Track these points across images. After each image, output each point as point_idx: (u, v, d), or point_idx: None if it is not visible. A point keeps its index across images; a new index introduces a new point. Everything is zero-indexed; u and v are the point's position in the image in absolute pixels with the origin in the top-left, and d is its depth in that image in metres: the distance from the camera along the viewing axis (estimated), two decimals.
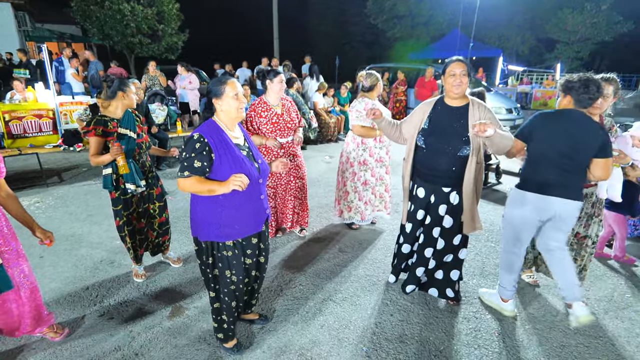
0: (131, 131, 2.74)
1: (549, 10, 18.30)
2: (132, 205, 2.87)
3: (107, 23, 14.45)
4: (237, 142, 2.04)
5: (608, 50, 20.25)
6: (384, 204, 4.00)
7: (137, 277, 3.10)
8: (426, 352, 2.37)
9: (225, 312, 2.21)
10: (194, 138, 1.90)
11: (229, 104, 1.97)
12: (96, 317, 2.65)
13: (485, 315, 2.71)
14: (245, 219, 2.05)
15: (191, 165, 1.89)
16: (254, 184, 2.03)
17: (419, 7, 19.91)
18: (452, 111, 2.50)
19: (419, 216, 2.70)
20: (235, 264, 2.10)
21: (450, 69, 2.41)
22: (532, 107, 14.61)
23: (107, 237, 3.81)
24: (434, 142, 2.50)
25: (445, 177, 2.52)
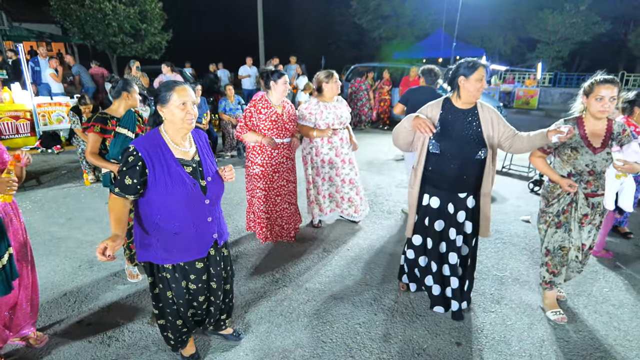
0: (129, 131, 2.74)
1: (530, 11, 18.62)
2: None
3: (87, 22, 14.17)
4: (181, 157, 1.82)
5: (587, 50, 20.71)
6: (354, 208, 3.97)
7: (131, 277, 3.07)
8: (409, 351, 2.38)
9: (170, 330, 2.08)
10: (128, 150, 1.73)
11: (173, 113, 1.75)
12: (75, 324, 2.59)
13: (467, 313, 2.73)
14: (184, 245, 1.86)
15: (122, 182, 1.72)
16: (195, 204, 1.83)
17: (403, 7, 20.05)
18: (463, 113, 2.40)
19: (437, 227, 2.55)
20: (175, 287, 1.95)
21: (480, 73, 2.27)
22: (514, 106, 14.87)
23: (87, 242, 3.73)
24: (448, 147, 2.39)
25: (460, 183, 2.44)
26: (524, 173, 6.12)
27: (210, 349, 2.36)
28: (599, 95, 2.30)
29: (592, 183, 2.46)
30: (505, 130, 2.39)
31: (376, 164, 6.70)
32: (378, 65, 11.99)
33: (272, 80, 3.29)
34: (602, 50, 21.02)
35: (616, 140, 2.42)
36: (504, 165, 6.41)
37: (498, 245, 3.73)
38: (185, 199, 1.79)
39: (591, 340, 2.48)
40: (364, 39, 24.98)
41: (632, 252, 3.62)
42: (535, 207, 4.74)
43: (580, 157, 2.42)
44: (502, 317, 2.70)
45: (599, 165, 2.41)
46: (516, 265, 3.38)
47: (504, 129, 2.39)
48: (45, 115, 6.86)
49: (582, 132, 2.45)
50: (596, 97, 2.31)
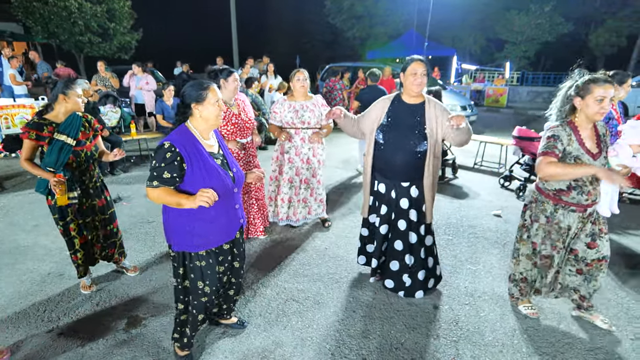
0: (69, 137, 2.56)
1: (498, 12, 19.19)
2: (69, 215, 2.70)
3: (52, 20, 13.59)
4: (211, 151, 1.96)
5: (551, 50, 21.53)
6: (307, 210, 3.98)
7: (84, 288, 2.95)
8: (388, 346, 2.42)
9: (190, 324, 2.15)
10: (164, 147, 1.81)
11: (209, 110, 1.89)
12: (44, 334, 2.50)
13: (443, 306, 2.81)
14: (218, 230, 2.00)
15: (160, 176, 1.81)
16: (228, 194, 1.97)
17: (376, 7, 20.23)
18: (410, 108, 2.59)
19: (382, 211, 2.76)
20: (210, 274, 2.04)
21: (412, 68, 2.49)
22: (485, 104, 15.30)
23: (56, 248, 3.59)
24: (391, 138, 2.58)
25: (403, 172, 2.60)
26: (495, 169, 6.32)
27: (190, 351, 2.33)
28: (598, 97, 2.12)
29: (592, 193, 2.26)
30: (448, 125, 2.50)
31: (352, 162, 6.76)
32: (352, 65, 12.08)
33: (221, 78, 3.12)
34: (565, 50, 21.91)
35: (603, 142, 2.28)
36: (476, 162, 6.60)
37: (471, 240, 3.84)
38: (220, 189, 1.90)
39: (558, 328, 2.59)
40: (338, 38, 25.09)
41: None
42: (507, 202, 4.92)
43: None
44: (475, 309, 2.78)
45: None
46: (489, 258, 3.49)
47: (448, 124, 2.49)
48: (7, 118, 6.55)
49: (579, 138, 2.23)
50: (596, 98, 2.12)
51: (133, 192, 5.15)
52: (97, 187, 2.85)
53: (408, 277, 2.81)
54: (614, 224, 4.08)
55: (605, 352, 2.37)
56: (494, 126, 10.55)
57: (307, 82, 3.67)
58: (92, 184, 2.79)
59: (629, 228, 4.11)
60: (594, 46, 19.12)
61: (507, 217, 4.40)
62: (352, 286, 3.05)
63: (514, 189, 5.26)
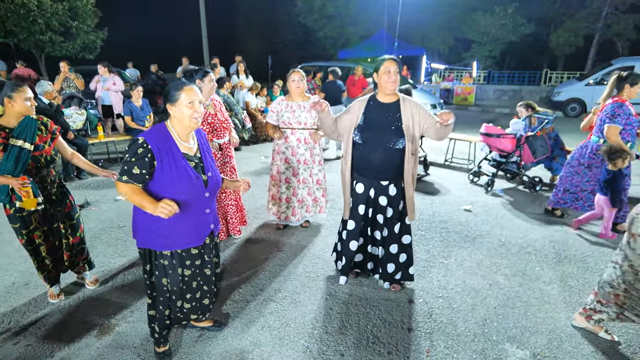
0: (27, 142, 2.41)
1: (465, 12, 19.77)
2: (32, 222, 2.58)
3: (9, 18, 12.90)
4: (186, 152, 1.95)
5: (515, 50, 22.38)
6: (305, 208, 3.97)
7: (52, 297, 2.83)
8: (364, 341, 2.46)
9: (157, 321, 2.17)
10: (137, 142, 1.82)
11: (182, 111, 1.88)
12: (10, 346, 2.39)
13: (417, 300, 2.88)
14: (185, 232, 1.98)
15: (130, 171, 1.82)
16: (198, 198, 1.97)
17: (347, 7, 20.40)
18: (385, 107, 2.64)
19: (360, 211, 2.79)
20: (172, 274, 2.04)
21: (385, 67, 2.53)
22: (454, 102, 15.72)
23: (20, 257, 3.44)
24: (370, 137, 2.61)
25: (382, 171, 2.64)
26: (465, 165, 6.52)
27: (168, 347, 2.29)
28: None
29: None
30: (427, 120, 2.58)
31: (327, 162, 6.80)
32: (325, 65, 12.13)
33: (197, 79, 3.12)
34: (528, 50, 22.85)
35: None
36: (446, 159, 6.78)
37: (443, 235, 3.95)
38: (188, 190, 1.91)
39: (525, 315, 2.72)
40: (309, 38, 25.10)
41: (556, 233, 3.99)
42: (476, 197, 5.09)
43: None
44: (448, 302, 2.87)
45: None
46: (460, 252, 3.61)
47: (425, 120, 2.58)
48: None
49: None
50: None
51: (101, 196, 4.99)
52: (61, 192, 2.74)
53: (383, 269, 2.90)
54: None
55: (568, 334, 2.51)
56: (463, 124, 10.86)
57: (302, 82, 3.62)
58: (54, 190, 2.67)
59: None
60: (554, 46, 20.01)
61: (477, 212, 4.55)
62: (328, 284, 3.08)
63: (483, 184, 5.44)
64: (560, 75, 18.65)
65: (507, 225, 4.17)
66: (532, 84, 19.22)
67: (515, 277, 3.20)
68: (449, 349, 2.40)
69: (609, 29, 18.35)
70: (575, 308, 2.78)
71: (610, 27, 18.27)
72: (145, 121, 6.18)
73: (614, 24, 18.07)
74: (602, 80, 12.14)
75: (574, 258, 3.49)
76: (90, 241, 3.75)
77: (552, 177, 5.68)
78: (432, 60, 19.71)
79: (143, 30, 24.50)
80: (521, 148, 5.08)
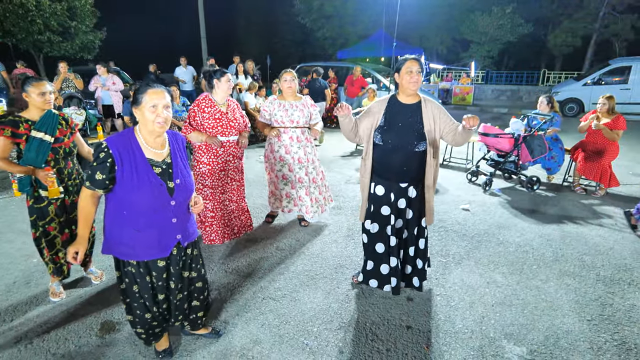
0: (47, 134, 2.56)
1: (463, 13, 19.85)
2: (49, 214, 2.68)
3: (7, 18, 12.90)
4: (151, 157, 1.87)
5: (514, 50, 22.48)
6: (305, 208, 3.96)
7: (54, 295, 2.85)
8: (363, 337, 2.49)
9: (139, 324, 2.10)
10: (100, 146, 1.79)
11: (144, 115, 1.81)
12: (12, 344, 2.41)
13: (416, 298, 2.91)
14: (147, 243, 1.89)
15: (93, 177, 1.79)
16: (162, 205, 1.88)
17: (345, 7, 20.44)
18: (406, 108, 2.57)
19: (384, 212, 2.71)
20: (140, 282, 1.99)
21: (407, 67, 2.47)
22: (452, 102, 15.77)
23: (21, 256, 3.46)
24: (391, 139, 2.55)
25: (401, 174, 2.59)
26: (463, 165, 6.55)
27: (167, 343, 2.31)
28: None
29: None
30: (447, 124, 2.56)
31: (325, 161, 6.82)
32: (323, 65, 12.16)
33: (215, 78, 3.32)
34: (526, 50, 22.94)
35: None
36: (444, 159, 6.81)
37: (441, 234, 3.98)
38: (150, 198, 1.83)
39: (522, 313, 2.75)
40: (308, 38, 25.15)
41: (553, 232, 4.03)
42: (474, 196, 5.12)
43: None
44: (446, 299, 2.90)
45: None
46: (458, 250, 3.64)
47: (446, 124, 2.56)
48: None
49: None
50: None
51: None
52: (77, 184, 2.82)
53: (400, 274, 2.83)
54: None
55: (565, 331, 2.54)
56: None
57: (294, 82, 3.71)
58: (70, 181, 2.76)
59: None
60: (552, 46, 20.09)
61: (475, 211, 4.59)
62: (327, 282, 3.11)
63: (481, 183, 5.48)
64: (558, 75, 18.73)
65: (504, 225, 4.21)
66: (530, 84, 19.29)
67: (513, 275, 3.24)
68: (447, 346, 2.43)
69: (606, 29, 18.44)
70: (572, 306, 2.81)
71: (608, 28, 18.36)
72: None
73: (611, 24, 18.17)
74: (599, 80, 12.20)
75: (571, 256, 3.53)
76: None
77: (549, 177, 5.72)
78: (430, 60, 19.78)
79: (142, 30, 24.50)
80: (519, 148, 5.11)
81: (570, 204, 4.82)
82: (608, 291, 3.01)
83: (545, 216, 4.43)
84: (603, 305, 2.84)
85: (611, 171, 4.97)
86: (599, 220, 4.30)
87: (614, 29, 18.14)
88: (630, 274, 3.24)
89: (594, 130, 4.92)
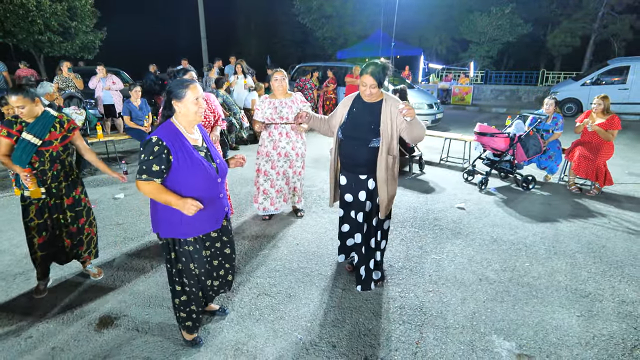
0: (36, 137, 2.61)
1: (462, 13, 19.86)
2: (29, 214, 2.74)
3: (7, 19, 12.93)
4: (195, 144, 2.09)
5: (513, 50, 22.51)
6: (282, 198, 4.20)
7: (37, 293, 2.91)
8: (356, 333, 2.54)
9: (194, 302, 2.27)
10: (152, 141, 1.94)
11: (188, 107, 2.02)
12: (12, 338, 2.47)
13: (409, 294, 2.96)
14: (204, 218, 2.12)
15: (149, 169, 1.93)
16: (213, 184, 2.11)
17: (345, 7, 20.47)
18: (368, 106, 2.74)
19: (347, 199, 2.93)
20: (197, 258, 2.18)
21: (361, 80, 2.64)
22: (451, 102, 15.81)
23: (21, 253, 3.51)
24: (349, 134, 2.76)
25: (360, 166, 2.76)
26: (459, 164, 6.60)
27: (163, 347, 2.36)
28: None
29: None
30: (402, 122, 2.63)
31: (322, 160, 6.87)
32: (322, 65, 12.22)
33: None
34: (525, 50, 22.97)
35: None
36: (441, 158, 6.86)
37: (436, 232, 4.03)
38: (204, 179, 2.05)
39: (513, 308, 2.80)
40: (308, 38, 25.18)
41: (547, 230, 4.07)
42: (470, 195, 5.17)
43: None
44: (439, 296, 2.95)
45: None
46: (452, 248, 3.69)
47: (401, 121, 2.63)
48: None
49: None
50: None
51: (100, 194, 5.06)
52: (67, 185, 2.85)
53: (364, 269, 2.91)
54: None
55: (554, 327, 2.59)
56: (460, 123, 10.97)
57: (284, 81, 3.92)
58: (55, 184, 2.78)
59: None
60: (551, 46, 20.11)
61: (470, 209, 4.63)
62: (322, 279, 3.16)
63: (477, 182, 5.52)
64: (557, 75, 18.76)
65: (499, 223, 4.25)
66: (529, 84, 19.32)
67: (505, 272, 3.28)
68: (438, 340, 2.48)
69: (605, 29, 18.47)
70: (562, 302, 2.86)
71: (607, 28, 18.39)
72: (144, 121, 6.24)
73: (610, 25, 18.19)
74: (598, 80, 12.24)
75: (564, 254, 3.57)
76: None
77: (547, 177, 5.76)
78: (429, 60, 19.80)
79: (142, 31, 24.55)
80: (514, 147, 5.16)
81: (565, 202, 4.87)
82: (598, 288, 3.06)
83: (540, 215, 4.48)
84: (593, 301, 2.89)
85: (606, 170, 5.02)
86: (592, 219, 4.35)
87: (613, 29, 18.17)
88: (621, 271, 3.29)
89: (589, 130, 4.97)
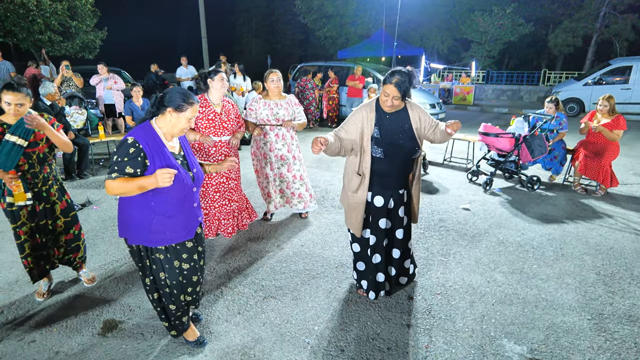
0: (21, 138, 2.49)
1: (463, 13, 19.80)
2: (21, 218, 2.65)
3: (8, 18, 12.90)
4: (172, 151, 2.03)
5: (514, 50, 22.46)
6: (285, 199, 4.15)
7: (39, 296, 2.87)
8: (364, 337, 2.50)
9: (168, 313, 2.22)
10: (127, 142, 1.87)
11: (180, 121, 1.97)
12: (15, 342, 2.43)
13: (417, 297, 2.92)
14: (176, 227, 2.05)
15: (122, 170, 1.86)
16: (188, 193, 2.05)
17: (346, 7, 20.42)
18: (395, 116, 2.52)
19: (381, 225, 2.67)
20: (168, 268, 2.10)
21: (384, 90, 2.41)
22: (453, 102, 15.76)
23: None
24: (391, 149, 2.50)
25: (400, 180, 2.63)
26: (463, 165, 6.56)
27: (168, 352, 2.33)
28: None
29: None
30: (430, 122, 2.56)
31: (325, 161, 6.83)
32: (324, 64, 12.17)
33: (209, 78, 3.41)
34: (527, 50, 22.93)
35: None
36: (445, 158, 6.82)
37: (442, 233, 3.99)
38: (179, 187, 1.98)
39: (523, 311, 2.76)
40: (309, 38, 25.17)
41: (554, 231, 4.04)
42: (474, 195, 5.13)
43: None
44: (447, 298, 2.91)
45: None
46: (458, 249, 3.65)
47: (429, 122, 2.56)
48: None
49: None
50: None
51: (103, 195, 5.02)
52: (57, 190, 2.79)
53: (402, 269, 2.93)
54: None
55: (565, 330, 2.55)
56: (462, 123, 10.89)
57: (280, 82, 3.85)
58: (45, 187, 2.72)
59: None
60: (553, 46, 20.03)
61: (475, 210, 4.59)
62: (329, 281, 3.12)
63: (481, 183, 5.48)
64: (558, 75, 18.69)
65: (505, 224, 4.21)
66: (530, 83, 19.26)
67: (513, 274, 3.24)
68: (448, 344, 2.44)
69: (607, 29, 18.39)
70: (572, 305, 2.82)
71: (609, 28, 18.32)
72: None
73: (612, 24, 18.12)
74: (600, 80, 12.19)
75: (572, 256, 3.53)
76: (93, 239, 3.79)
77: (552, 177, 5.72)
78: (431, 60, 19.74)
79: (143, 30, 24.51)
80: (519, 147, 5.12)
81: (571, 203, 4.83)
82: (608, 290, 3.02)
83: (546, 216, 4.44)
84: (603, 304, 2.85)
85: (612, 171, 4.98)
86: (599, 220, 4.31)
87: (615, 28, 18.09)
88: (631, 273, 3.25)
89: (594, 132, 4.93)
